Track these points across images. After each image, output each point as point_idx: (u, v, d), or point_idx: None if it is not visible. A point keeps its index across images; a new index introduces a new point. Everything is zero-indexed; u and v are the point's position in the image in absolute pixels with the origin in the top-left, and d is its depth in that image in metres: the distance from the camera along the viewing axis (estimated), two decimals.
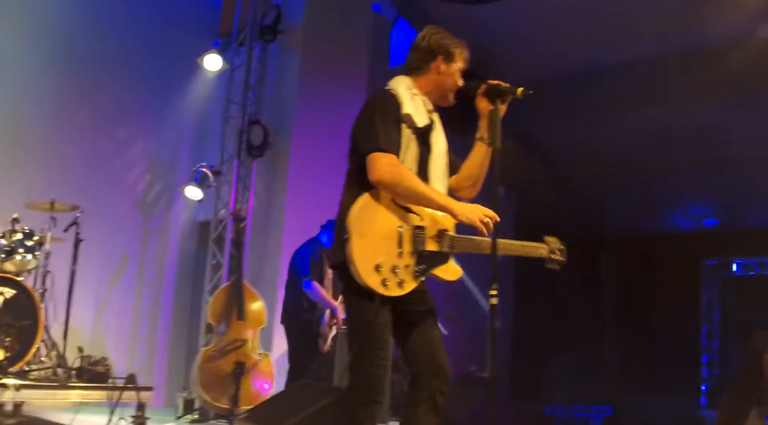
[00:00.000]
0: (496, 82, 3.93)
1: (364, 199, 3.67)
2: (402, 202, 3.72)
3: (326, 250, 7.88)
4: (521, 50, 12.32)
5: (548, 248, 4.11)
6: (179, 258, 10.48)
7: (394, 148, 3.73)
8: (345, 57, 10.55)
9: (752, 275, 16.04)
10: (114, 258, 9.76)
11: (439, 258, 3.78)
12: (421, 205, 3.74)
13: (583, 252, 16.92)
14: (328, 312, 7.71)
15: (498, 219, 3.73)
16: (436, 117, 4.05)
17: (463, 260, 3.95)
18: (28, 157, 8.77)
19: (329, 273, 7.81)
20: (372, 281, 3.57)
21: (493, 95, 3.90)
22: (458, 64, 4.08)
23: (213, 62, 10.24)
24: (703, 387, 15.94)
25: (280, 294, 9.22)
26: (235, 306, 8.03)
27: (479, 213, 3.74)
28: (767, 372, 5.32)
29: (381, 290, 3.58)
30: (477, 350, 3.61)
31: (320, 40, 10.29)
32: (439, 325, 4.10)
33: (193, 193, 9.79)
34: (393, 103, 3.83)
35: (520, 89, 3.86)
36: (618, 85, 11.93)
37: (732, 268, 16.30)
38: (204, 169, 9.81)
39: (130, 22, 10.01)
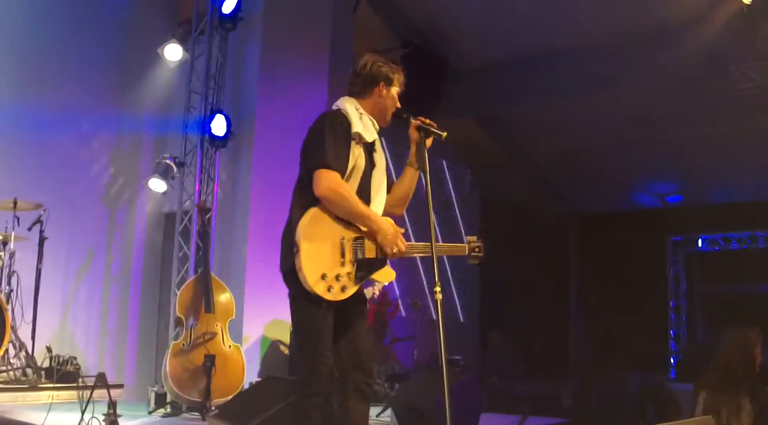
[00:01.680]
0: (428, 122, 4.34)
1: (313, 212, 4.08)
2: (341, 216, 4.13)
3: None
4: (484, 32, 12.35)
5: (469, 247, 4.54)
6: (145, 251, 10.41)
7: (341, 166, 4.14)
8: (306, 43, 10.52)
9: (717, 250, 16.25)
10: (79, 254, 9.67)
11: (377, 264, 4.22)
12: (356, 223, 4.15)
13: (549, 232, 17.09)
14: None
15: (403, 249, 4.19)
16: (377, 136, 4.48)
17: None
18: None
19: None
20: (319, 288, 3.99)
21: (422, 131, 4.35)
22: (396, 88, 4.48)
23: (173, 52, 10.14)
24: (672, 360, 16.13)
25: (248, 285, 9.23)
26: (203, 299, 8.02)
27: (392, 242, 4.18)
28: (756, 366, 5.54)
29: (327, 296, 4.00)
30: (446, 334, 3.84)
31: (281, 27, 10.23)
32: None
33: (157, 184, 9.71)
34: (344, 122, 4.24)
35: (444, 133, 4.31)
36: (581, 65, 11.99)
37: (697, 244, 16.50)
38: (167, 161, 9.73)
39: (89, 13, 9.90)
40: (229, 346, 8.01)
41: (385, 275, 4.32)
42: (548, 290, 16.36)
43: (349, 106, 4.35)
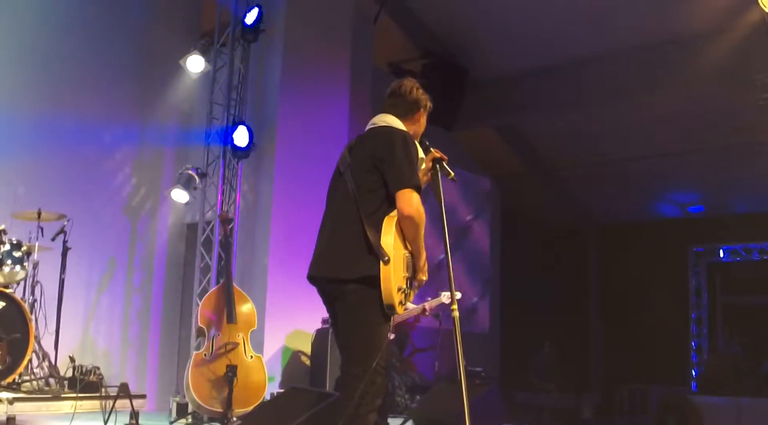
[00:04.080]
0: (444, 159, 4.50)
1: (393, 223, 4.08)
2: (409, 236, 4.17)
3: None
4: (504, 42, 12.36)
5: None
6: (167, 262, 10.46)
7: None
8: (327, 54, 10.57)
9: (739, 261, 16.14)
10: (101, 264, 9.73)
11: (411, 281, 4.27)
12: (413, 244, 4.20)
13: (569, 242, 17.05)
14: None
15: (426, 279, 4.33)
16: None
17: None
18: (12, 167, 8.73)
19: None
20: (395, 300, 3.98)
21: (437, 163, 4.51)
22: (425, 115, 4.61)
23: (195, 63, 10.16)
24: (694, 373, 16.03)
25: (270, 295, 9.24)
26: (225, 309, 8.04)
27: (426, 270, 4.28)
28: None
29: (398, 309, 4.03)
30: (466, 345, 3.88)
31: (302, 38, 10.29)
32: None
33: (180, 195, 9.74)
34: (416, 146, 4.35)
35: (452, 174, 4.50)
36: (602, 76, 11.98)
37: (719, 254, 16.40)
38: (190, 172, 9.76)
39: (111, 25, 9.97)
40: (251, 357, 8.01)
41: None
42: (569, 300, 16.31)
43: (403, 127, 4.41)
